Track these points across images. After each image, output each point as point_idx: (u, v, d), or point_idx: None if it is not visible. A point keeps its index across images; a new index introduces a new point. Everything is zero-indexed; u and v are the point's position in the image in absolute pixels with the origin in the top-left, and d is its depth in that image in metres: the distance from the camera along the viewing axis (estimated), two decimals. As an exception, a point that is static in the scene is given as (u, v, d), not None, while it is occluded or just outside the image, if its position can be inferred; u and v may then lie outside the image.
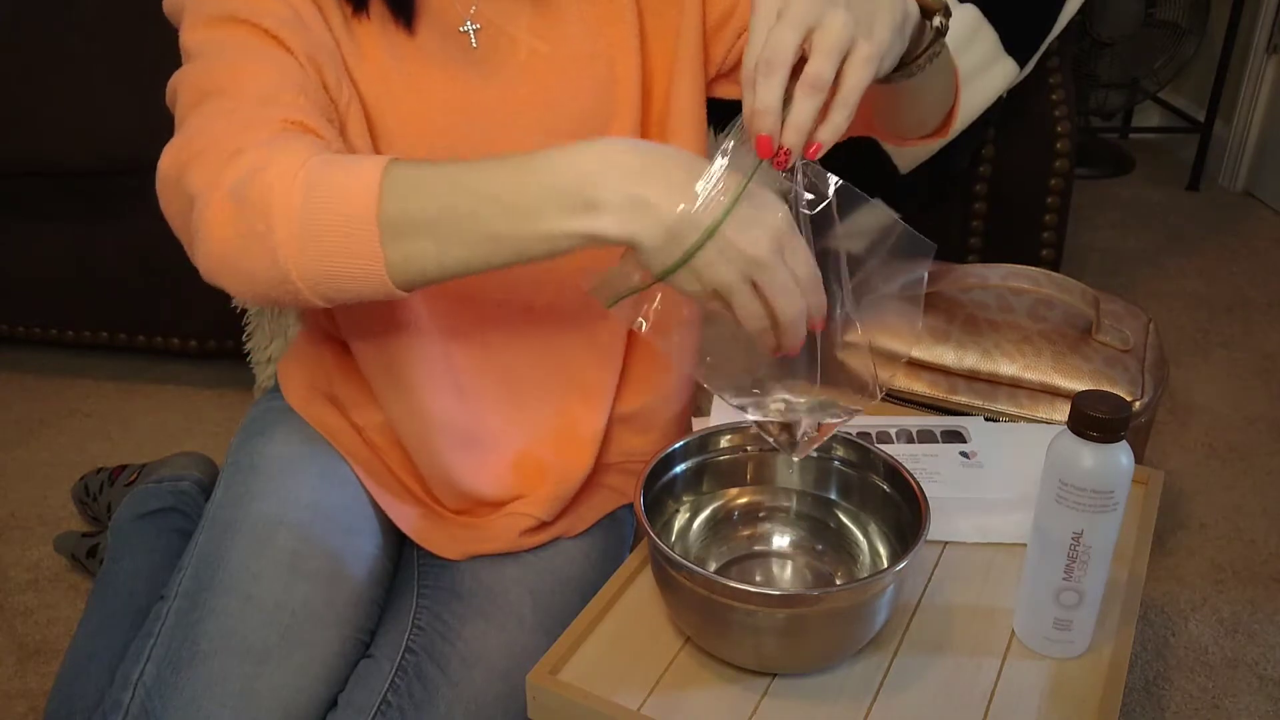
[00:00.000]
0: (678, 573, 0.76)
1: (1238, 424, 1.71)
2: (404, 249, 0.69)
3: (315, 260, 0.69)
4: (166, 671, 0.86)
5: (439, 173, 0.69)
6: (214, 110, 0.77)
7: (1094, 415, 0.71)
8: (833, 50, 0.69)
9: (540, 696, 0.77)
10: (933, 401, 1.20)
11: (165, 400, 1.80)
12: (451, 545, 0.99)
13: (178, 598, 0.91)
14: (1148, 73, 2.68)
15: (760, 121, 0.70)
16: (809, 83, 0.69)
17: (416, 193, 0.69)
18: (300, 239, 0.69)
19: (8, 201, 1.70)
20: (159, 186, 0.78)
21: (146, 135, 1.59)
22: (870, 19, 0.72)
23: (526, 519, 0.98)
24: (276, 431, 1.01)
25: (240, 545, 0.91)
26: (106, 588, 1.15)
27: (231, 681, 0.84)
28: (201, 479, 1.34)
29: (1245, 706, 1.18)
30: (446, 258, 0.70)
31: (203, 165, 0.73)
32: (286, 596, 0.89)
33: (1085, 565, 0.75)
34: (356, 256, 0.69)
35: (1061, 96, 1.47)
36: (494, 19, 0.91)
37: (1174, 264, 2.30)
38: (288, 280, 0.70)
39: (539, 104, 0.91)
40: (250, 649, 0.86)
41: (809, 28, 0.69)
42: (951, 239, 1.54)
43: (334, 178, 0.69)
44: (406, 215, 0.68)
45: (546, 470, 1.00)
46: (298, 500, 0.95)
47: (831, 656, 0.78)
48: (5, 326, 1.82)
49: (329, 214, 0.69)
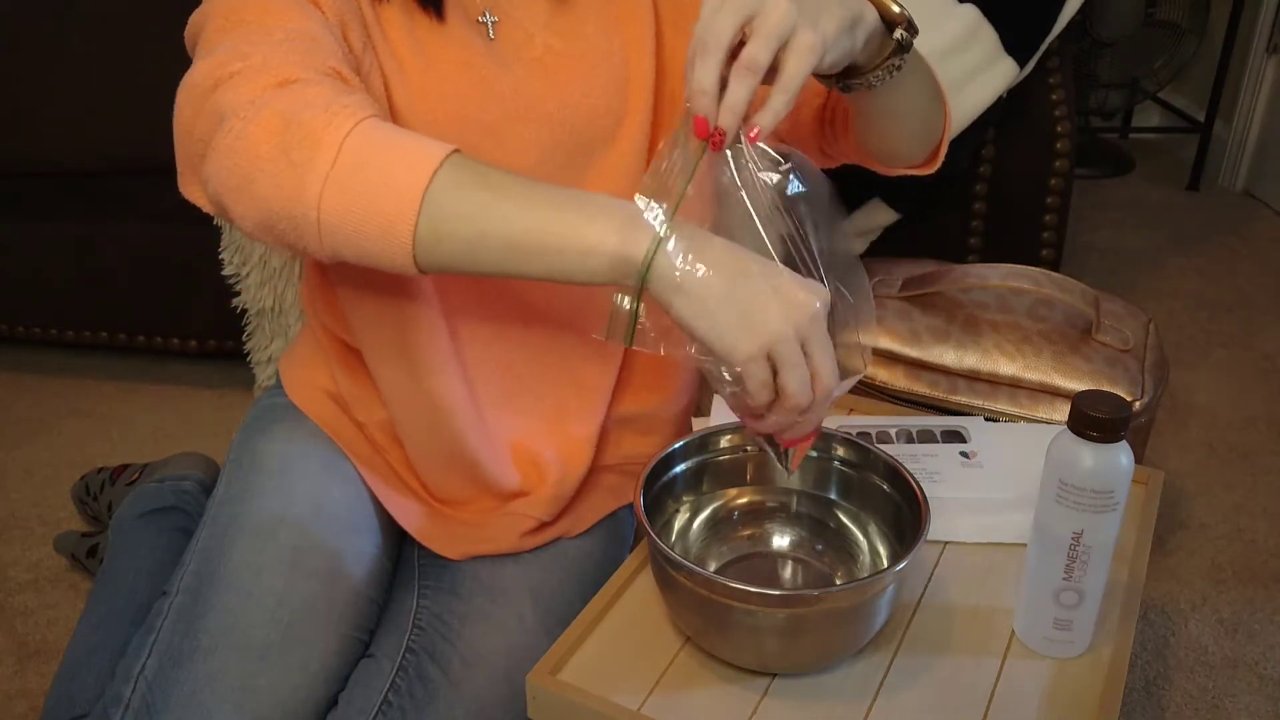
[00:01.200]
0: (678, 573, 0.76)
1: (1238, 424, 1.72)
2: (435, 230, 0.69)
3: (345, 205, 0.69)
4: (167, 666, 0.86)
5: (490, 186, 0.70)
6: (253, 37, 0.76)
7: (1094, 415, 0.71)
8: (771, 35, 0.69)
9: (540, 696, 0.77)
10: (933, 401, 1.20)
11: (165, 400, 1.80)
12: (452, 544, 0.99)
13: (179, 594, 0.91)
14: (1148, 73, 2.68)
15: (696, 102, 0.70)
16: (743, 64, 0.70)
17: (465, 198, 0.69)
18: (339, 182, 0.68)
19: (8, 201, 1.70)
20: (181, 96, 0.76)
21: (146, 135, 1.60)
22: (816, 12, 0.72)
23: (527, 519, 0.99)
24: (278, 429, 1.01)
25: (242, 542, 0.91)
26: (107, 585, 1.15)
27: (232, 677, 0.85)
28: (204, 479, 1.34)
29: (1245, 706, 1.18)
30: (474, 259, 0.71)
31: (245, 82, 0.72)
32: (287, 594, 0.89)
33: (1085, 565, 0.75)
34: (389, 218, 0.69)
35: (1061, 96, 1.47)
36: (511, 12, 0.91)
37: (1174, 264, 2.30)
38: (306, 215, 0.69)
39: (552, 100, 0.92)
40: (251, 645, 0.86)
41: (750, 13, 0.70)
42: (951, 239, 1.54)
43: (395, 138, 0.70)
44: (452, 208, 0.69)
45: (545, 469, 1.00)
46: (300, 498, 0.95)
47: (831, 656, 0.78)
48: (5, 326, 1.82)
49: (377, 170, 0.69)
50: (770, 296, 0.69)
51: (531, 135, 0.92)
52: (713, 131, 0.70)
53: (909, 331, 1.22)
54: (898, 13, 0.81)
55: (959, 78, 1.33)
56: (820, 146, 1.00)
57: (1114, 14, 2.52)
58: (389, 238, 0.69)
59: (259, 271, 1.37)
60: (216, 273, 1.41)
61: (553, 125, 0.92)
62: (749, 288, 0.69)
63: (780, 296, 0.69)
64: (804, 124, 0.98)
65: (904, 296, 1.26)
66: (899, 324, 1.23)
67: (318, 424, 1.01)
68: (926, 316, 1.23)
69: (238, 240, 1.36)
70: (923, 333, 1.21)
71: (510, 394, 0.98)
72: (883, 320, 1.23)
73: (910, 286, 1.26)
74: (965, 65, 1.33)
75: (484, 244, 0.69)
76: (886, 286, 1.29)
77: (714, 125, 0.70)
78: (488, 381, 0.97)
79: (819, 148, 1.00)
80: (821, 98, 0.96)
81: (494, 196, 0.69)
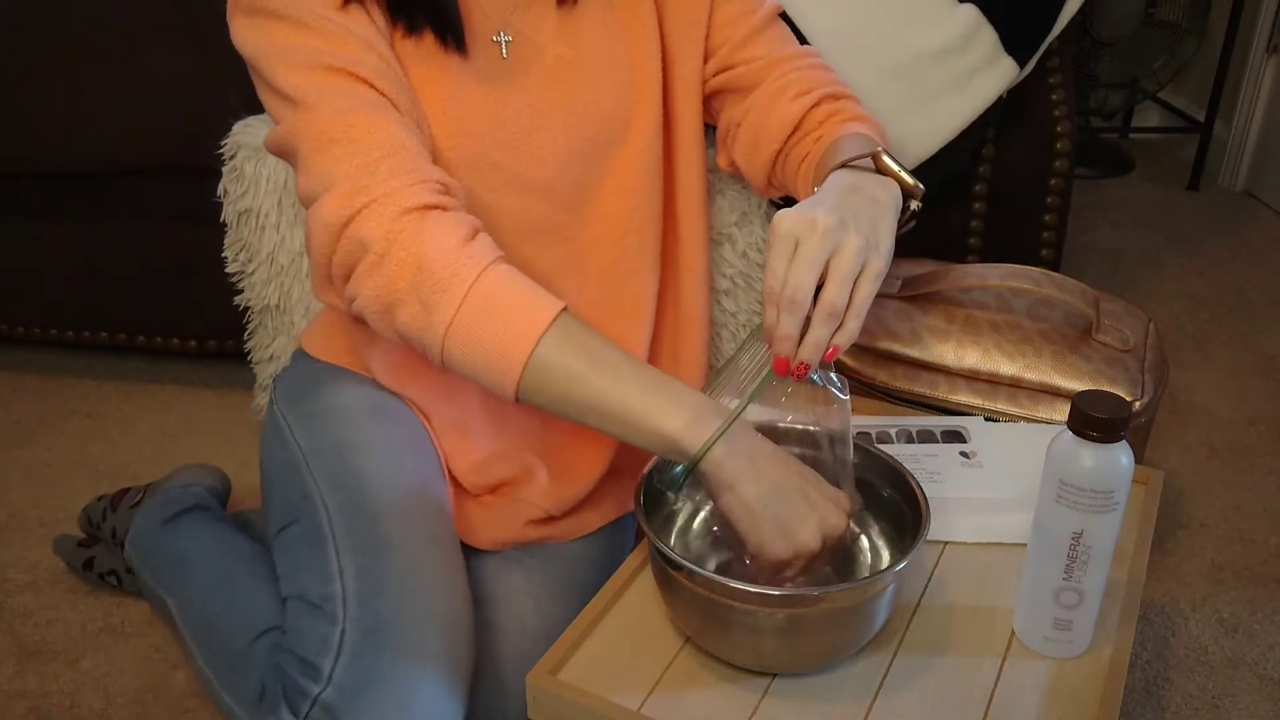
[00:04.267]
0: (678, 573, 0.76)
1: (1238, 424, 1.71)
2: (536, 385, 0.81)
3: (465, 352, 0.81)
4: (366, 560, 0.88)
5: (587, 353, 0.81)
6: (356, 160, 0.83)
7: (1094, 415, 0.71)
8: (848, 279, 0.78)
9: (540, 696, 0.77)
10: (933, 401, 1.20)
11: (165, 400, 1.80)
12: (460, 521, 1.00)
13: (332, 511, 0.92)
14: (1148, 73, 2.68)
15: (780, 347, 0.80)
16: (826, 311, 0.78)
17: (565, 364, 0.80)
18: (461, 330, 0.80)
19: (8, 201, 1.70)
20: (315, 227, 0.84)
21: (146, 135, 1.60)
22: (876, 235, 0.81)
23: (533, 508, 1.00)
24: (337, 384, 1.03)
25: (371, 461, 0.94)
26: (183, 561, 1.14)
27: (433, 564, 0.89)
28: (215, 485, 1.32)
29: (1245, 706, 1.18)
30: (563, 411, 0.82)
31: (374, 215, 0.82)
32: (430, 500, 0.94)
33: (1085, 565, 0.75)
34: (499, 371, 0.81)
35: (1061, 96, 1.47)
36: (522, 29, 0.94)
37: (1174, 264, 2.30)
38: (433, 346, 0.82)
39: (563, 108, 0.95)
40: (432, 537, 0.90)
41: (826, 260, 0.78)
42: (951, 239, 1.54)
43: (509, 296, 0.81)
44: (553, 372, 0.80)
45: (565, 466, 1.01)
46: (397, 431, 0.98)
47: (831, 656, 0.78)
48: (5, 326, 1.81)
49: (493, 329, 0.80)
50: (809, 513, 0.77)
51: (548, 146, 0.94)
52: (795, 367, 0.80)
53: (909, 331, 1.21)
54: (913, 185, 0.91)
55: (959, 78, 1.33)
56: (769, 180, 1.06)
57: (1114, 14, 2.52)
58: (497, 386, 0.82)
59: (265, 268, 1.36)
60: (217, 272, 1.41)
61: (567, 134, 0.95)
62: (788, 506, 0.77)
63: (817, 515, 0.78)
64: (760, 165, 1.04)
65: (904, 296, 1.26)
66: (899, 324, 1.22)
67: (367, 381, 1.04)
68: (926, 316, 1.23)
69: (243, 238, 1.36)
70: (923, 333, 1.21)
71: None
72: (883, 320, 1.23)
73: (910, 286, 1.26)
74: (965, 65, 1.33)
75: (573, 403, 0.80)
76: (886, 286, 1.29)
77: (795, 362, 0.80)
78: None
79: (767, 180, 1.06)
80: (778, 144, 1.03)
81: (590, 365, 0.80)
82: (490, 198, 0.94)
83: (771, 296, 0.79)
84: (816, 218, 0.78)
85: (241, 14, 0.87)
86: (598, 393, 0.79)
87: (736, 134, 1.04)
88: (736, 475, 0.77)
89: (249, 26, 0.87)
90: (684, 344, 1.09)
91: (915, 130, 1.35)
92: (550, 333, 0.80)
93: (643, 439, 0.80)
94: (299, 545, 0.91)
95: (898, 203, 0.88)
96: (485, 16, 0.93)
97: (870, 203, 0.84)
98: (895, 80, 1.32)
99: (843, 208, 0.81)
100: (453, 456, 1.01)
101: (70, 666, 1.24)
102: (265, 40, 0.86)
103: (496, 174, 0.93)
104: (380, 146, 0.84)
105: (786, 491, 0.77)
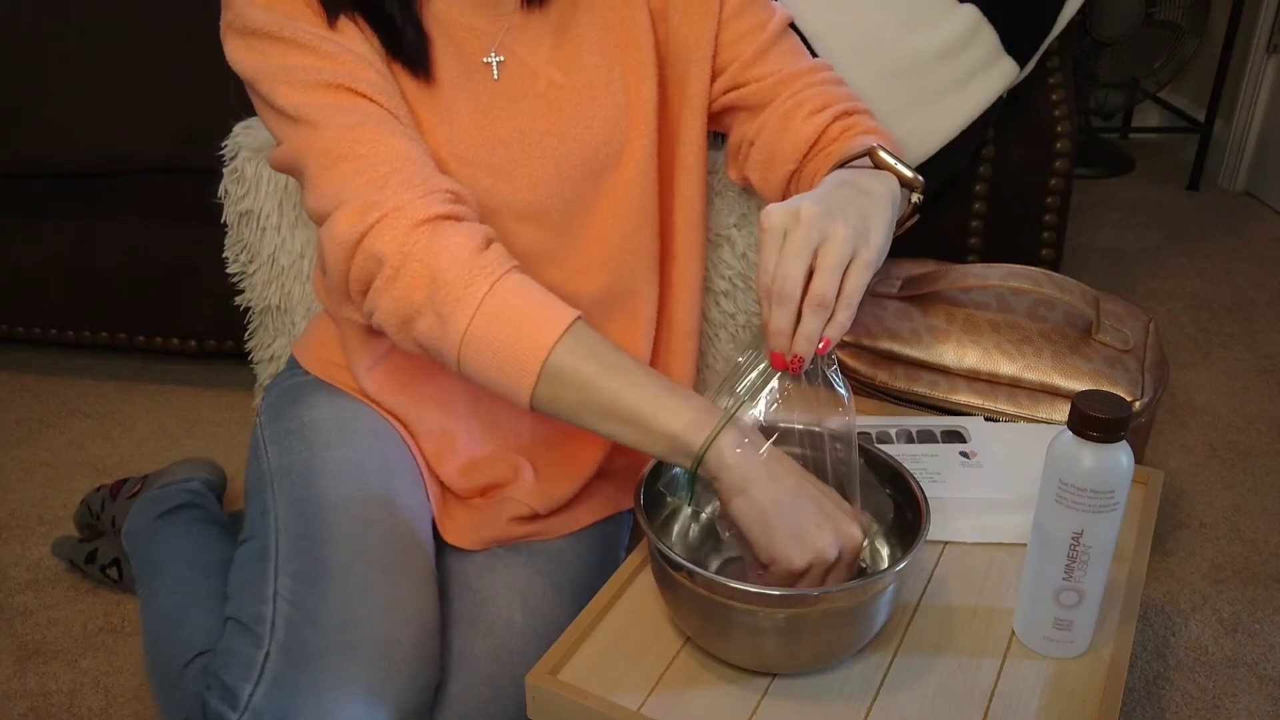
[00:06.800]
0: (678, 573, 0.76)
1: (1238, 424, 1.71)
2: (550, 393, 0.81)
3: (481, 360, 0.81)
4: (304, 585, 0.86)
5: (599, 359, 0.81)
6: (364, 176, 0.83)
7: (1094, 415, 0.71)
8: (835, 268, 0.77)
9: (540, 696, 0.77)
10: (933, 401, 1.20)
11: (165, 400, 1.80)
12: (449, 523, 0.99)
13: (281, 533, 0.91)
14: (1148, 73, 2.68)
15: (775, 341, 0.78)
16: (815, 301, 0.77)
17: (578, 370, 0.80)
18: (476, 339, 0.81)
19: (8, 201, 1.70)
20: (329, 244, 0.84)
21: (146, 135, 1.60)
22: (866, 225, 0.80)
23: (519, 505, 0.99)
24: (316, 399, 1.02)
25: (330, 483, 0.93)
26: (159, 567, 1.14)
27: (378, 588, 0.87)
28: (210, 479, 1.33)
29: (1245, 706, 1.18)
30: (577, 418, 0.82)
31: (387, 230, 0.82)
32: (392, 524, 0.92)
33: (1085, 565, 0.75)
34: (513, 379, 0.81)
35: (1061, 96, 1.47)
36: (516, 50, 0.94)
37: (1174, 264, 2.30)
38: (449, 355, 0.83)
39: (555, 135, 0.95)
40: (383, 562, 0.88)
41: (814, 250, 0.77)
42: (951, 239, 1.54)
43: (522, 306, 0.81)
44: (566, 379, 0.80)
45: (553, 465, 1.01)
46: (367, 448, 0.97)
47: (831, 656, 0.78)
48: (5, 326, 1.81)
49: (507, 338, 0.80)
50: (824, 520, 0.77)
51: (538, 172, 0.94)
52: (790, 361, 0.79)
53: (909, 331, 1.21)
54: (912, 178, 0.90)
55: (959, 78, 1.33)
56: (784, 199, 1.04)
57: (1114, 14, 2.52)
58: (513, 394, 0.82)
59: (267, 269, 1.36)
60: (217, 272, 1.41)
61: (557, 160, 0.95)
62: (803, 512, 0.77)
63: (833, 524, 0.77)
64: (774, 184, 1.03)
65: (904, 296, 1.26)
66: (899, 324, 1.22)
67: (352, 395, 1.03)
68: (926, 316, 1.23)
69: (244, 238, 1.36)
70: (923, 333, 1.21)
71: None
72: (883, 320, 1.23)
73: (910, 286, 1.26)
74: (965, 65, 1.33)
75: (587, 409, 0.81)
76: (886, 286, 1.29)
77: (790, 355, 0.79)
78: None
79: (782, 199, 1.04)
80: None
81: (603, 371, 0.80)
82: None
83: (764, 291, 0.79)
84: (801, 209, 0.77)
85: (235, 35, 0.87)
86: (611, 398, 0.79)
87: (749, 152, 1.03)
88: (751, 480, 0.76)
89: (244, 48, 0.87)
90: (675, 359, 1.09)
91: (915, 130, 1.35)
92: (564, 340, 0.80)
93: (655, 442, 0.79)
94: (247, 563, 0.91)
95: (894, 195, 0.86)
96: (478, 38, 0.93)
97: (860, 194, 0.83)
98: (895, 80, 1.32)
99: (830, 198, 0.80)
100: (441, 462, 1.01)
101: (70, 666, 1.24)
102: (262, 60, 0.86)
103: (486, 199, 0.93)
104: (388, 161, 0.84)
105: (802, 498, 0.77)
